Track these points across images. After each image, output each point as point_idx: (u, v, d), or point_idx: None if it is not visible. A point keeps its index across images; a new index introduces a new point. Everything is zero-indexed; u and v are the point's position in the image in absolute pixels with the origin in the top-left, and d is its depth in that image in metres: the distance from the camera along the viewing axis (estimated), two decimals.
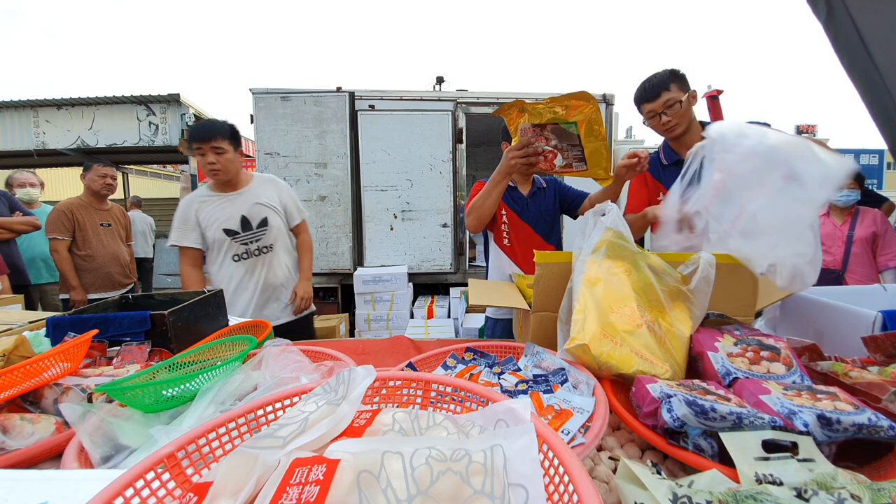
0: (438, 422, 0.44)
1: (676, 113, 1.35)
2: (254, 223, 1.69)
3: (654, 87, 1.36)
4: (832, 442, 0.46)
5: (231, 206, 1.67)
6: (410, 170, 3.59)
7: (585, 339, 0.64)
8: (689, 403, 0.48)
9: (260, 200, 1.72)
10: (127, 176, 7.56)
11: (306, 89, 3.49)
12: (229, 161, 1.62)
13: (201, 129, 1.61)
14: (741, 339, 0.67)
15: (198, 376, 0.61)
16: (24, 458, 0.54)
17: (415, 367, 0.79)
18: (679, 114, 1.35)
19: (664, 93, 1.34)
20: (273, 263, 1.73)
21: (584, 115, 1.14)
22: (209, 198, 1.69)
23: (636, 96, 1.42)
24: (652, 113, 1.38)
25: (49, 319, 0.90)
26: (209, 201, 1.68)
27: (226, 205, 1.67)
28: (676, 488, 0.36)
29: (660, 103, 1.35)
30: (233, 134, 1.65)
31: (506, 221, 1.68)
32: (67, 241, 2.40)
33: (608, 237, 0.76)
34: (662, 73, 1.37)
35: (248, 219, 1.69)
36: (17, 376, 0.63)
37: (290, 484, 0.33)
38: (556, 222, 1.73)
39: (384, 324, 3.38)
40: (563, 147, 1.24)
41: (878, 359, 0.69)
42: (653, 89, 1.36)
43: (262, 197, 1.73)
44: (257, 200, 1.71)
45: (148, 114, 4.93)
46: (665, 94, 1.34)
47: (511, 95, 3.65)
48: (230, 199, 1.68)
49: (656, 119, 1.39)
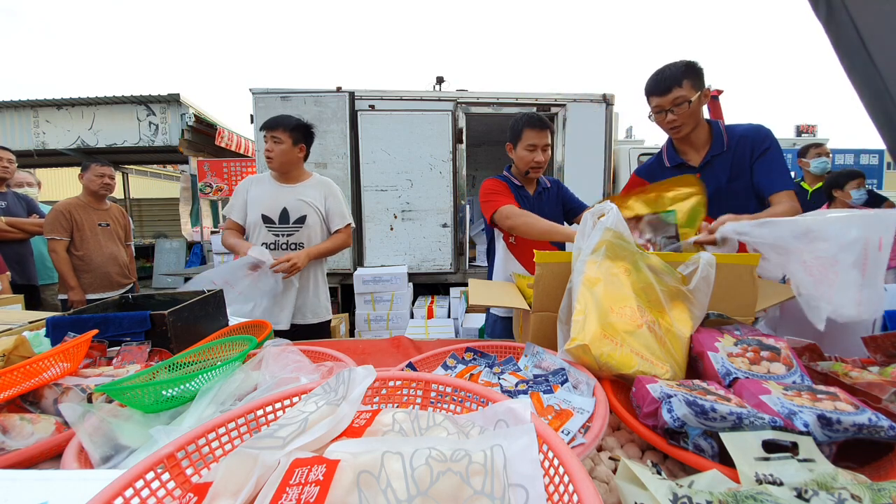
0: (438, 422, 0.44)
1: (684, 113, 1.25)
2: (292, 217, 1.74)
3: (666, 80, 1.25)
4: (832, 442, 0.46)
5: (278, 195, 1.74)
6: (410, 170, 3.59)
7: (586, 340, 0.64)
8: (689, 403, 0.48)
9: (305, 198, 1.77)
10: (127, 176, 7.57)
11: (306, 89, 3.49)
12: (283, 152, 1.69)
13: (271, 118, 1.72)
14: (741, 339, 0.67)
15: (198, 376, 0.61)
16: (24, 458, 0.54)
17: (415, 367, 0.79)
18: (686, 114, 1.25)
19: (675, 88, 1.23)
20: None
21: (687, 203, 1.06)
22: (265, 181, 1.78)
23: (647, 86, 1.31)
24: (659, 108, 1.28)
25: (49, 319, 0.90)
26: (264, 183, 1.77)
27: (275, 192, 1.75)
28: (676, 488, 0.36)
29: (668, 99, 1.25)
30: (296, 129, 1.71)
31: None
32: (66, 242, 2.40)
33: (608, 237, 0.76)
34: (678, 65, 1.25)
35: (289, 212, 1.74)
36: (17, 376, 0.63)
37: (290, 484, 0.33)
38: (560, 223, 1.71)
39: (384, 324, 3.38)
40: (657, 241, 1.12)
41: (878, 359, 0.69)
42: (664, 83, 1.25)
43: (309, 196, 1.78)
44: (302, 197, 1.76)
45: (148, 114, 4.93)
46: (676, 91, 1.23)
47: (511, 95, 3.65)
48: (281, 188, 1.76)
49: (662, 115, 1.29)
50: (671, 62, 1.29)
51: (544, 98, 3.66)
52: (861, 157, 7.38)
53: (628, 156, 4.07)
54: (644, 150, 4.18)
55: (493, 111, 3.67)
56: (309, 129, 1.79)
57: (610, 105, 3.71)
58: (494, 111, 3.67)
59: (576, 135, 3.70)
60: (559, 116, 3.71)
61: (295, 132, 1.71)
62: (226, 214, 1.80)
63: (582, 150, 3.73)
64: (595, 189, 3.78)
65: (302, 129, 1.75)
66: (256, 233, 1.74)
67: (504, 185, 1.68)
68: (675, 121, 1.28)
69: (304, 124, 1.76)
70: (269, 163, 1.73)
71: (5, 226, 2.48)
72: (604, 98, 3.68)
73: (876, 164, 7.43)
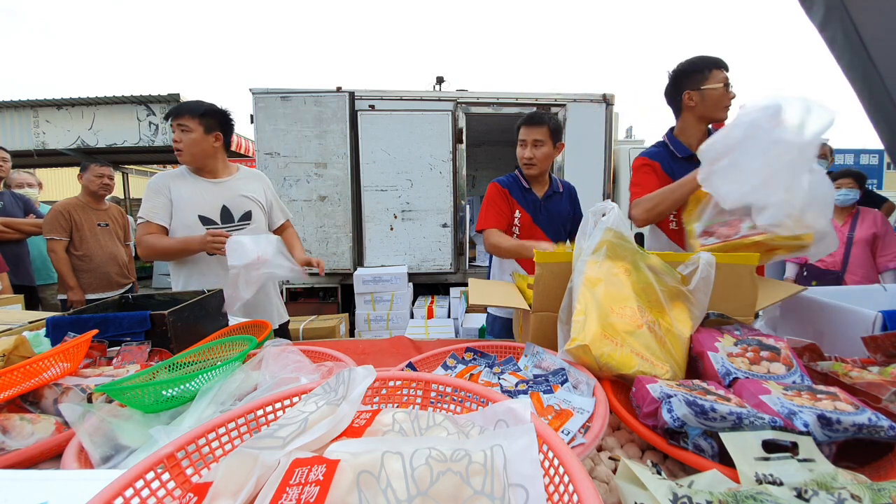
0: (438, 422, 0.44)
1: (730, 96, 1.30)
2: (236, 215, 1.56)
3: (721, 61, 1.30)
4: (832, 442, 0.46)
5: (210, 193, 1.53)
6: (410, 170, 3.59)
7: (586, 340, 0.64)
8: (689, 403, 0.48)
9: (245, 193, 1.59)
10: (127, 176, 7.56)
11: (306, 89, 3.49)
12: (193, 142, 1.47)
13: (177, 105, 1.52)
14: (741, 339, 0.67)
15: (198, 376, 0.61)
16: (24, 458, 0.54)
17: (415, 367, 0.79)
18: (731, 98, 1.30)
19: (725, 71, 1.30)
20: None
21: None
22: (186, 178, 1.53)
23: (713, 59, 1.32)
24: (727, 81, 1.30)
25: (49, 319, 0.90)
26: (187, 181, 1.52)
27: (204, 190, 1.52)
28: (676, 488, 0.36)
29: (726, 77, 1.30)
30: (206, 115, 1.49)
31: (518, 224, 1.65)
32: (65, 242, 2.40)
33: (608, 237, 0.76)
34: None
35: (230, 210, 1.54)
36: (17, 376, 0.63)
37: (290, 484, 0.33)
38: (569, 229, 1.70)
39: (384, 324, 3.38)
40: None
41: (878, 359, 0.69)
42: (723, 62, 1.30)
43: (248, 190, 1.60)
44: (242, 192, 1.58)
45: (148, 114, 4.93)
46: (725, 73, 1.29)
47: (511, 95, 3.65)
48: (210, 185, 1.54)
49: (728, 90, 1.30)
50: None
51: (544, 98, 3.66)
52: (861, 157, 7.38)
53: (628, 156, 4.06)
54: (644, 150, 4.18)
55: (493, 111, 3.67)
56: (225, 115, 1.55)
57: (610, 105, 3.71)
58: (494, 111, 3.67)
59: (576, 135, 3.71)
60: (559, 116, 3.71)
61: (206, 118, 1.49)
62: (145, 217, 1.46)
63: (582, 150, 3.73)
64: (595, 189, 3.78)
65: (215, 115, 1.52)
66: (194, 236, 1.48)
67: (502, 193, 1.66)
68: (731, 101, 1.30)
69: (217, 110, 1.53)
70: (179, 155, 1.49)
71: (1, 226, 2.48)
72: (604, 98, 3.68)
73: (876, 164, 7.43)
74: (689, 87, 1.34)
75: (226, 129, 1.58)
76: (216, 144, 1.54)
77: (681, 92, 1.36)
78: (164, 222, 1.48)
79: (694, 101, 1.34)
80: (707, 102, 1.32)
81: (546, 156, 1.58)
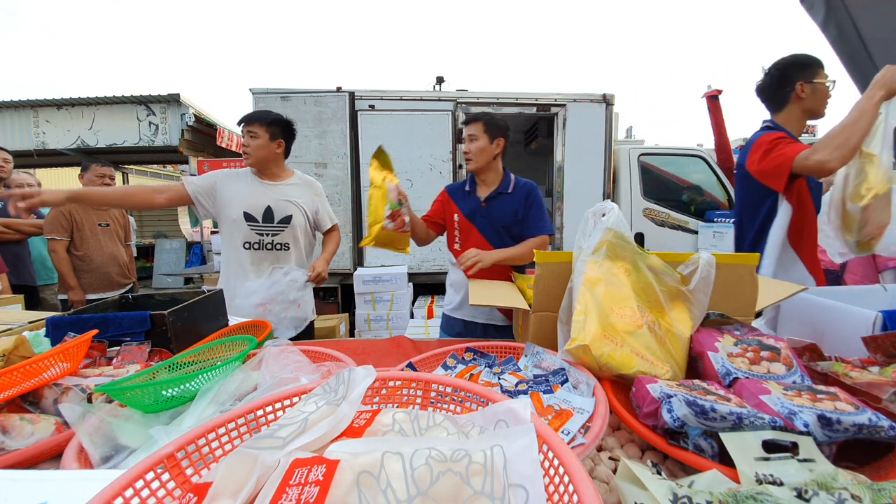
0: (438, 422, 0.44)
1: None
2: (276, 217, 1.69)
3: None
4: (832, 442, 0.46)
5: (261, 193, 1.68)
6: (410, 170, 3.59)
7: (586, 340, 0.64)
8: (689, 403, 0.48)
9: (290, 198, 1.72)
10: (127, 176, 7.56)
11: (306, 89, 3.49)
12: (259, 147, 1.64)
13: (247, 113, 1.67)
14: (741, 339, 0.67)
15: (198, 376, 0.61)
16: (24, 458, 0.54)
17: (415, 367, 0.79)
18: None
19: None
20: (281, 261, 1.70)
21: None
22: (244, 177, 1.70)
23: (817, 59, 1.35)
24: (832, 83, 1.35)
25: (49, 319, 0.90)
26: (243, 179, 1.70)
27: (257, 189, 1.68)
28: (676, 488, 0.36)
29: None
30: (273, 123, 1.66)
31: (457, 227, 1.64)
32: (65, 242, 2.40)
33: (608, 238, 0.76)
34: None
35: (273, 211, 1.68)
36: (17, 376, 0.63)
37: (290, 484, 0.33)
38: (513, 235, 1.58)
39: (384, 324, 3.38)
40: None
41: (878, 359, 0.68)
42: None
43: (295, 196, 1.73)
44: (288, 197, 1.71)
45: (148, 114, 4.93)
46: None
47: (511, 95, 3.65)
48: (263, 186, 1.70)
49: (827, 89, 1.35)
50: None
51: (544, 98, 3.66)
52: None
53: (628, 156, 4.06)
54: (644, 149, 4.18)
55: (493, 111, 3.67)
56: (289, 124, 1.72)
57: (610, 105, 3.71)
58: (494, 111, 3.67)
59: (576, 135, 3.71)
60: (559, 116, 3.71)
61: (272, 127, 1.65)
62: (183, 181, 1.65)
63: (582, 150, 3.73)
64: (595, 189, 3.78)
65: (280, 123, 1.68)
66: (237, 230, 1.64)
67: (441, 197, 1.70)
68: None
69: (282, 119, 1.70)
70: (246, 158, 1.67)
71: (1, 227, 2.48)
72: (604, 98, 3.68)
73: None
74: (802, 78, 1.35)
75: (288, 138, 1.73)
76: (278, 151, 1.70)
77: (791, 83, 1.36)
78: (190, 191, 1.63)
79: (805, 92, 1.35)
80: (817, 96, 1.34)
81: (480, 150, 1.55)
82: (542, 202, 1.59)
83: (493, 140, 1.55)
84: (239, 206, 1.65)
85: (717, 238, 3.71)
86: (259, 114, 1.66)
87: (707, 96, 3.46)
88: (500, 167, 1.61)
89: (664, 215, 4.00)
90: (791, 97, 1.37)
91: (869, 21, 1.23)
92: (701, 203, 4.07)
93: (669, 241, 3.96)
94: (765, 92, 1.45)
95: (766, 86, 1.43)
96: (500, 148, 1.56)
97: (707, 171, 4.06)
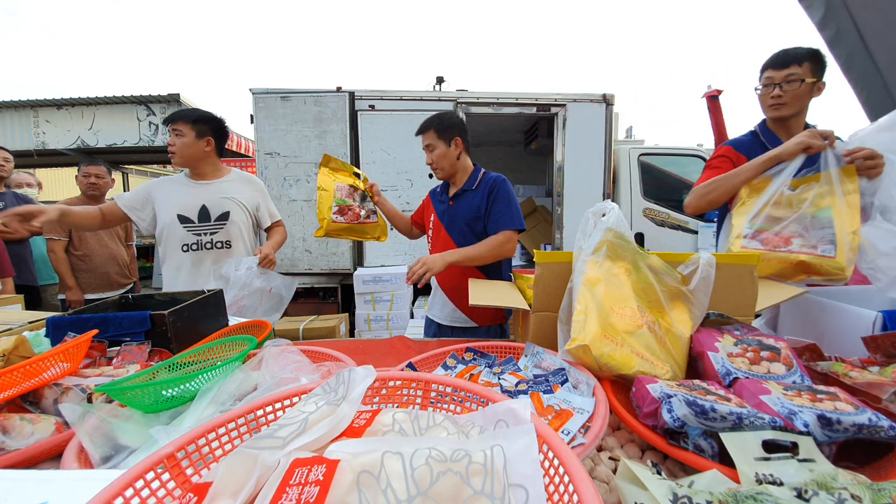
0: (438, 422, 0.44)
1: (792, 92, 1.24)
2: (213, 215, 1.65)
3: (786, 56, 1.24)
4: (832, 442, 0.46)
5: (193, 194, 1.64)
6: (410, 170, 3.59)
7: (586, 340, 0.64)
8: (689, 403, 0.48)
9: (228, 195, 1.68)
10: (127, 176, 7.56)
11: (306, 89, 3.49)
12: (185, 145, 1.59)
13: (173, 112, 1.65)
14: (741, 339, 0.67)
15: (198, 376, 0.61)
16: (24, 458, 0.54)
17: (415, 367, 0.79)
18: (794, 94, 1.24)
19: (793, 66, 1.23)
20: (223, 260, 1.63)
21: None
22: (178, 181, 1.67)
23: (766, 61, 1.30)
24: (769, 81, 1.27)
25: (49, 319, 0.90)
26: (174, 183, 1.66)
27: (189, 191, 1.65)
28: (676, 488, 0.36)
29: (782, 74, 1.24)
30: (199, 121, 1.61)
31: (431, 226, 1.65)
32: (64, 242, 2.40)
33: (609, 238, 0.76)
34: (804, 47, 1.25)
35: (208, 210, 1.64)
36: (17, 376, 0.63)
37: (290, 484, 0.33)
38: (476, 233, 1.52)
39: (384, 324, 3.38)
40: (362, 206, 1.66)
41: (878, 359, 0.68)
42: (784, 58, 1.24)
43: (233, 192, 1.69)
44: (224, 194, 1.67)
45: (148, 114, 4.93)
46: (793, 67, 1.22)
47: (511, 95, 3.65)
48: (196, 186, 1.66)
49: (769, 89, 1.28)
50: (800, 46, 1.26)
51: (544, 98, 3.66)
52: None
53: (628, 156, 4.06)
54: (644, 150, 4.18)
55: (493, 111, 3.67)
56: (218, 122, 1.67)
57: (610, 105, 3.71)
58: (494, 111, 3.67)
59: (576, 135, 3.71)
60: (559, 116, 3.71)
61: (198, 125, 1.61)
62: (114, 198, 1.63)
63: (582, 150, 3.73)
64: (595, 189, 3.77)
65: (208, 121, 1.63)
66: (173, 235, 1.61)
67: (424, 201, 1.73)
68: (781, 98, 1.26)
69: (211, 117, 1.65)
70: (172, 157, 1.61)
71: (2, 226, 2.48)
72: (604, 98, 3.68)
73: None
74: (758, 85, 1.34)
75: (218, 135, 1.68)
76: (207, 149, 1.65)
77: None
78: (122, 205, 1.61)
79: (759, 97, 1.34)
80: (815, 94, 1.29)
81: (441, 156, 1.51)
82: (509, 195, 1.50)
83: (450, 142, 1.51)
84: (172, 209, 1.61)
85: None
86: (184, 112, 1.62)
87: (707, 96, 3.46)
88: (467, 165, 1.58)
89: (664, 215, 4.00)
90: None
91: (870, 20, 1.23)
92: None
93: (669, 241, 3.96)
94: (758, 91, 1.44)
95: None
96: (459, 147, 1.53)
97: None
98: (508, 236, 1.44)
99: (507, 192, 1.50)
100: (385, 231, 1.76)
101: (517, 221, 1.46)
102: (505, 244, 1.44)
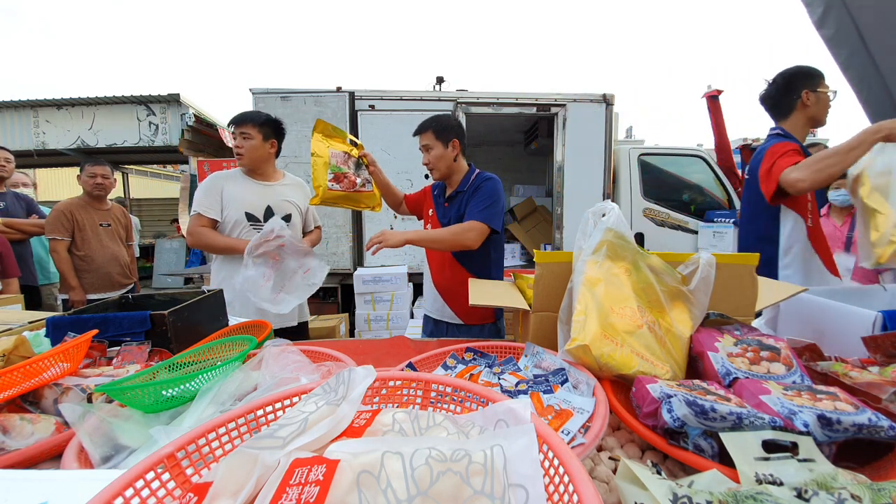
0: (438, 422, 0.44)
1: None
2: (278, 216, 1.70)
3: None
4: (832, 442, 0.46)
5: (259, 193, 1.71)
6: (410, 170, 3.59)
7: (586, 340, 0.64)
8: (689, 403, 0.48)
9: (288, 198, 1.77)
10: (127, 176, 7.57)
11: (306, 89, 3.49)
12: (253, 148, 1.66)
13: (238, 114, 1.69)
14: (741, 339, 0.67)
15: (198, 376, 0.61)
16: (24, 458, 0.54)
17: (415, 367, 0.79)
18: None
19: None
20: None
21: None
22: (239, 178, 1.72)
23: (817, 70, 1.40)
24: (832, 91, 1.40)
25: (49, 319, 0.90)
26: (239, 181, 1.71)
27: (254, 190, 1.71)
28: (676, 488, 0.36)
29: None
30: (265, 124, 1.68)
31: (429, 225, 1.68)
32: (66, 242, 2.40)
33: (608, 238, 0.76)
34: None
35: (273, 210, 1.71)
36: (17, 376, 0.63)
37: (290, 484, 0.33)
38: None
39: (384, 324, 3.38)
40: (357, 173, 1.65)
41: (878, 359, 0.68)
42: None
43: (290, 195, 1.78)
44: (285, 197, 1.76)
45: (148, 114, 4.93)
46: None
47: (511, 95, 3.65)
48: (262, 186, 1.73)
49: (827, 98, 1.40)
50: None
51: (544, 98, 3.66)
52: None
53: (628, 156, 4.06)
54: (644, 149, 4.18)
55: (493, 111, 3.66)
56: (279, 124, 1.75)
57: (610, 105, 3.71)
58: (494, 111, 3.67)
59: (576, 135, 3.70)
60: (559, 116, 3.71)
61: (264, 127, 1.68)
62: (197, 210, 1.65)
63: (582, 150, 3.73)
64: (595, 189, 3.77)
65: (272, 124, 1.71)
66: (238, 232, 1.67)
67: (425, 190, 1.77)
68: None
69: (273, 120, 1.72)
70: (239, 159, 1.68)
71: (2, 226, 2.48)
72: (604, 98, 3.68)
73: None
74: (807, 87, 1.40)
75: (280, 138, 1.77)
76: (271, 151, 1.74)
77: (797, 91, 1.42)
78: (216, 216, 1.66)
79: (810, 101, 1.40)
80: (820, 105, 1.40)
81: (438, 157, 1.54)
82: (491, 192, 1.51)
83: (448, 144, 1.54)
84: (239, 207, 1.67)
85: (717, 238, 3.71)
86: (251, 114, 1.68)
87: (707, 96, 3.46)
88: (463, 166, 1.61)
89: (664, 215, 4.00)
90: (797, 105, 1.42)
91: (869, 19, 1.23)
92: (701, 203, 4.07)
93: (669, 241, 3.96)
94: (770, 99, 1.48)
95: (772, 93, 1.47)
96: (456, 149, 1.55)
97: (707, 171, 4.06)
98: (472, 225, 1.45)
99: (488, 189, 1.52)
100: (380, 202, 1.75)
101: (487, 217, 1.47)
102: (466, 232, 1.44)
